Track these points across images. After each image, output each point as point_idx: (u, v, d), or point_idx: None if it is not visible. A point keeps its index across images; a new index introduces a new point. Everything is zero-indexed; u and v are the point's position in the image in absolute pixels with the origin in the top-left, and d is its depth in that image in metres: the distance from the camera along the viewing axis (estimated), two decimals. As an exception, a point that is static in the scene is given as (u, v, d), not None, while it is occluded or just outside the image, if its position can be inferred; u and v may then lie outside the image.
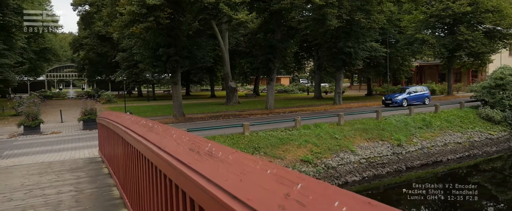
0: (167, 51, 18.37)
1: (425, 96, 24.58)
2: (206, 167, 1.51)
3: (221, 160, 1.49)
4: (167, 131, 2.63)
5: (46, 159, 9.97)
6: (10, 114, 25.14)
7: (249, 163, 1.35)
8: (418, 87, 25.80)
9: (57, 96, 50.00)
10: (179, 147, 2.07)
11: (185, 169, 1.68)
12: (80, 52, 53.76)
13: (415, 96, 24.20)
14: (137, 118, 4.13)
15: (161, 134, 2.67)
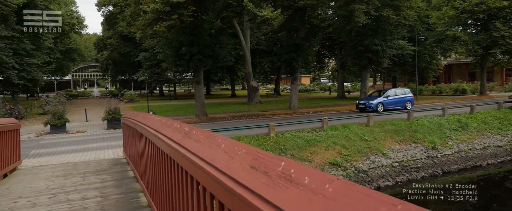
0: (190, 50, 18.15)
1: (406, 100, 21.76)
2: (290, 201, 1.04)
3: (313, 190, 1.01)
4: (212, 138, 2.18)
5: (72, 159, 9.84)
6: (37, 113, 25.70)
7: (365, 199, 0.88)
8: (398, 90, 23.01)
9: (82, 96, 51.14)
10: (234, 163, 1.62)
11: (253, 198, 1.22)
12: (104, 52, 54.77)
13: (394, 100, 21.41)
14: (168, 120, 3.74)
15: (204, 142, 2.23)
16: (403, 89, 23.45)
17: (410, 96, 22.33)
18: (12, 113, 20.33)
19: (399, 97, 21.92)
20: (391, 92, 22.32)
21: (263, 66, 49.32)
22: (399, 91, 22.75)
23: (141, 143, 5.13)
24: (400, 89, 23.57)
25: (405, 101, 21.76)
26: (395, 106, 21.20)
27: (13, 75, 22.19)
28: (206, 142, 2.23)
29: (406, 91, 22.77)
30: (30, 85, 25.75)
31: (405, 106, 21.45)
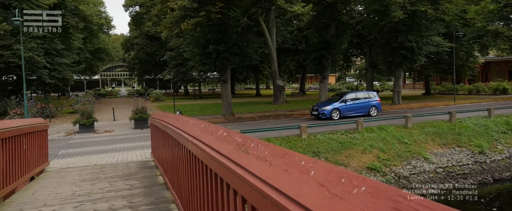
0: (217, 48, 17.72)
1: (370, 105, 18.78)
2: None
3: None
4: (287, 157, 1.56)
5: (99, 160, 9.56)
6: (68, 112, 26.18)
7: None
8: (360, 94, 19.84)
9: (110, 95, 52.25)
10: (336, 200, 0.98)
11: None
12: (131, 52, 55.71)
13: (355, 106, 18.59)
14: (208, 125, 3.18)
15: (272, 160, 1.61)
16: (367, 93, 20.12)
17: (376, 100, 19.16)
18: (43, 112, 20.67)
19: (361, 102, 18.85)
20: (351, 96, 19.25)
21: (287, 65, 48.57)
22: (361, 95, 19.52)
23: (173, 148, 4.62)
24: (363, 93, 20.13)
25: (369, 107, 18.70)
26: (356, 112, 18.37)
27: (45, 75, 22.61)
28: (277, 161, 1.59)
29: (371, 95, 19.54)
30: (61, 85, 26.24)
31: (368, 112, 18.53)
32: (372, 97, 19.35)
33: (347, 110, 18.40)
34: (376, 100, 19.21)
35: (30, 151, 6.54)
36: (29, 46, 20.73)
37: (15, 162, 5.68)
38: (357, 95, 19.41)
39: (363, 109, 18.69)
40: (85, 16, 28.26)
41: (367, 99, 19.09)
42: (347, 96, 19.10)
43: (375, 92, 20.51)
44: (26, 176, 6.26)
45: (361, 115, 18.18)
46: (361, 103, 18.80)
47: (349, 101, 18.62)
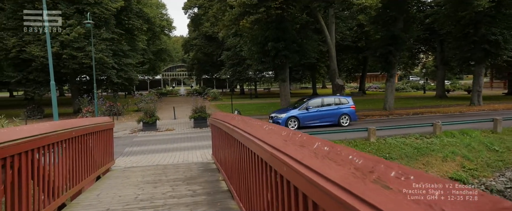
0: (276, 46, 17.17)
1: (340, 113, 16.07)
2: None
3: None
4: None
5: (161, 160, 9.50)
6: (133, 110, 27.56)
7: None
8: (328, 99, 16.78)
9: (171, 94, 54.58)
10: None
11: None
12: (190, 52, 57.67)
13: (319, 114, 15.96)
14: (291, 132, 2.56)
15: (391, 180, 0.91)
16: (338, 98, 17.01)
17: (348, 107, 16.28)
18: (111, 110, 21.87)
19: (329, 109, 16.14)
20: (315, 102, 16.45)
21: (346, 63, 46.56)
22: (330, 101, 16.56)
23: (240, 154, 4.09)
24: (333, 98, 17.05)
25: (338, 115, 16.02)
26: (321, 121, 15.86)
27: (113, 75, 23.97)
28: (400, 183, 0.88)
29: (343, 101, 16.58)
30: (127, 84, 27.68)
31: (338, 122, 15.95)
32: (344, 103, 16.41)
33: (309, 119, 15.79)
34: (348, 107, 16.23)
35: (97, 150, 6.52)
36: (99, 48, 22.06)
37: (82, 162, 5.62)
38: (324, 101, 16.52)
39: (331, 117, 16.00)
40: (149, 18, 29.59)
41: (336, 106, 16.24)
42: (311, 102, 16.43)
43: (349, 97, 17.38)
44: (93, 175, 6.22)
45: (328, 124, 15.76)
46: (328, 111, 16.05)
47: (312, 108, 16.02)
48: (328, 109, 16.20)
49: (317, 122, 15.94)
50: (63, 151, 4.90)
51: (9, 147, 3.26)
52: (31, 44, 20.69)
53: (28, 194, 3.69)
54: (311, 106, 16.20)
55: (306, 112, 15.97)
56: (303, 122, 15.80)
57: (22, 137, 3.54)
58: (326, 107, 16.26)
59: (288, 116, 15.94)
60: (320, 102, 16.43)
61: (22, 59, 21.46)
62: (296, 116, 15.82)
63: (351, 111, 16.28)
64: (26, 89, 24.31)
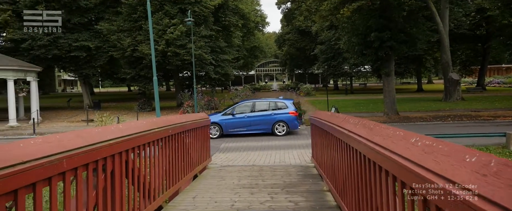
0: (380, 36, 15.33)
1: (275, 120, 13.45)
2: None
3: None
4: None
5: (257, 159, 9.02)
6: (229, 104, 28.41)
7: None
8: (262, 103, 14.29)
9: (264, 89, 55.42)
10: None
11: None
12: (283, 48, 57.80)
13: (248, 120, 13.50)
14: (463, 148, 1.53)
15: None
16: (276, 101, 14.37)
17: (286, 113, 13.62)
18: (209, 104, 22.77)
19: (261, 115, 13.62)
20: (244, 106, 14.25)
21: (459, 55, 40.55)
22: (264, 105, 14.10)
23: (359, 167, 3.13)
24: (269, 101, 14.50)
25: (272, 122, 13.45)
26: (249, 129, 13.50)
27: (211, 71, 24.96)
28: None
29: (280, 105, 13.97)
30: (223, 79, 28.63)
31: (272, 130, 13.44)
32: (281, 108, 13.82)
33: (234, 126, 13.59)
34: (286, 113, 13.61)
35: (194, 148, 6.26)
36: (199, 45, 23.09)
37: (179, 161, 5.35)
38: (256, 105, 14.13)
39: (263, 124, 13.57)
40: (244, 14, 30.08)
41: (271, 111, 13.76)
42: (238, 106, 14.44)
43: (289, 100, 14.80)
44: (190, 174, 5.96)
45: (258, 132, 13.57)
46: (259, 117, 13.63)
47: (239, 113, 13.83)
48: (259, 114, 13.81)
49: (243, 130, 13.69)
50: (160, 150, 4.62)
51: (101, 148, 2.91)
52: (142, 43, 22.73)
53: (122, 199, 3.38)
54: (238, 110, 14.11)
55: (231, 117, 13.91)
56: (226, 130, 13.71)
57: (115, 137, 3.21)
58: (258, 112, 13.90)
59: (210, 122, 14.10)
60: (251, 107, 14.17)
61: (135, 58, 23.80)
62: (217, 122, 13.70)
63: (289, 118, 13.62)
64: (138, 84, 27.06)
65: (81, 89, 31.36)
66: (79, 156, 2.60)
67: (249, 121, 13.75)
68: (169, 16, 23.39)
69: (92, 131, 3.08)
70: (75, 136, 2.75)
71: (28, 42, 23.45)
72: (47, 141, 2.44)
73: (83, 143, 2.70)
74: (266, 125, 13.73)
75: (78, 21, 25.24)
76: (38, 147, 2.29)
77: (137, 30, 23.90)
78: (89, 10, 25.89)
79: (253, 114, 13.91)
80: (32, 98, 21.22)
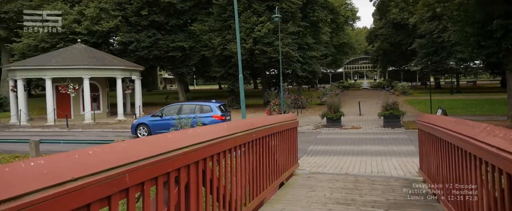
0: (504, 24, 12.61)
1: (197, 123, 11.80)
2: None
3: None
4: None
5: (350, 166, 8.01)
6: (316, 103, 27.39)
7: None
8: (188, 106, 14.77)
9: (353, 87, 52.49)
10: None
11: None
12: (375, 43, 54.22)
13: (173, 122, 12.28)
14: None
15: None
16: (201, 104, 14.90)
17: (209, 116, 13.78)
18: (296, 103, 22.13)
19: (185, 117, 12.92)
20: (172, 108, 15.11)
21: None
22: (189, 108, 14.72)
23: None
24: (194, 104, 15.18)
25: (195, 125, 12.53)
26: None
27: (298, 68, 24.29)
28: None
29: (206, 109, 14.31)
30: (310, 77, 27.71)
31: None
32: (206, 111, 14.32)
33: (160, 127, 13.76)
34: (209, 116, 13.93)
35: (280, 152, 5.64)
36: (286, 42, 22.60)
37: (263, 168, 4.78)
38: (183, 108, 14.84)
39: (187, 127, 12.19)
40: (333, 8, 28.62)
41: (197, 114, 14.02)
42: (167, 108, 15.34)
43: (214, 104, 14.90)
44: (275, 182, 5.36)
45: None
46: (183, 120, 13.34)
47: (166, 115, 14.47)
48: (185, 117, 13.28)
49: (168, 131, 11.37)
50: (242, 156, 4.10)
51: (173, 158, 2.45)
52: (231, 42, 23.22)
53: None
54: (166, 113, 14.75)
55: (159, 119, 14.45)
56: (154, 131, 14.13)
57: (191, 143, 2.74)
58: (183, 114, 13.68)
59: (138, 122, 15.12)
60: (178, 110, 14.73)
61: (224, 56, 24.49)
62: (146, 123, 14.65)
63: (212, 121, 13.44)
64: (227, 82, 27.89)
65: (177, 87, 33.81)
66: (146, 168, 2.15)
67: (175, 123, 13.50)
68: (257, 14, 23.41)
69: (164, 137, 2.64)
70: (144, 144, 2.34)
71: (133, 44, 26.02)
72: (108, 150, 2.04)
73: (151, 152, 2.25)
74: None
75: (175, 23, 27.08)
76: (96, 159, 1.89)
77: (226, 29, 24.54)
78: (184, 13, 27.57)
79: (178, 116, 13.90)
80: (136, 95, 23.44)
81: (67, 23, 24.33)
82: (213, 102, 15.37)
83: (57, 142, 11.87)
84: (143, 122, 14.92)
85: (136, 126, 15.01)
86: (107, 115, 23.52)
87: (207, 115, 14.09)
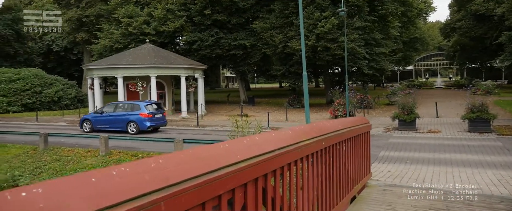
0: None
1: (128, 120, 15.28)
2: None
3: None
4: None
5: (433, 177, 6.85)
6: (383, 103, 25.45)
7: None
8: (123, 105, 16.61)
9: (424, 86, 48.20)
10: None
11: None
12: (451, 38, 49.19)
13: (110, 119, 15.73)
14: None
15: None
16: (132, 103, 16.36)
17: (136, 114, 15.34)
18: (361, 103, 20.65)
19: (119, 115, 15.73)
20: (111, 105, 16.65)
21: None
22: (123, 106, 16.35)
23: None
24: (126, 103, 16.85)
25: (126, 122, 15.39)
26: (111, 127, 15.60)
27: (364, 66, 22.68)
28: None
29: (135, 107, 15.70)
30: (378, 75, 25.84)
31: (126, 128, 15.31)
32: (135, 109, 15.61)
33: (101, 123, 15.95)
34: (136, 115, 15.33)
35: (351, 162, 4.84)
36: (351, 38, 21.20)
37: (334, 181, 4.05)
38: (118, 106, 16.46)
39: (120, 123, 15.59)
40: (405, 0, 26.21)
41: (125, 112, 15.78)
42: (106, 106, 17.00)
43: (143, 103, 16.30)
44: (347, 197, 4.58)
45: (118, 130, 15.30)
46: (117, 117, 15.76)
47: (105, 112, 16.23)
48: (118, 114, 15.95)
49: (107, 126, 15.86)
50: (309, 167, 3.43)
51: (225, 176, 1.89)
52: (293, 39, 22.48)
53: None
54: (105, 110, 16.49)
55: (99, 115, 16.30)
56: (95, 126, 16.04)
57: (248, 156, 2.16)
58: (117, 112, 16.05)
59: (84, 118, 16.62)
60: (114, 107, 16.46)
61: (285, 54, 23.84)
62: (89, 118, 16.39)
63: (139, 119, 15.36)
64: (288, 81, 27.22)
65: (238, 85, 34.02)
66: (190, 192, 1.61)
67: (110, 119, 15.89)
68: (320, 9, 22.34)
69: (215, 149, 2.08)
70: (187, 157, 1.80)
71: (197, 43, 26.64)
72: (141, 170, 1.52)
73: (197, 169, 1.70)
74: (122, 124, 15.60)
75: (237, 21, 27.14)
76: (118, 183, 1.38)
77: (288, 26, 23.86)
78: (246, 11, 27.50)
79: (114, 113, 16.07)
80: (199, 93, 23.94)
81: (138, 25, 25.73)
82: (146, 101, 17.21)
83: (124, 138, 12.32)
84: (87, 118, 16.69)
85: (83, 120, 16.69)
86: (172, 112, 24.39)
87: (136, 112, 15.57)
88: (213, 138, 12.21)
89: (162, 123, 16.40)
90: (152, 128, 15.65)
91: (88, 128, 16.16)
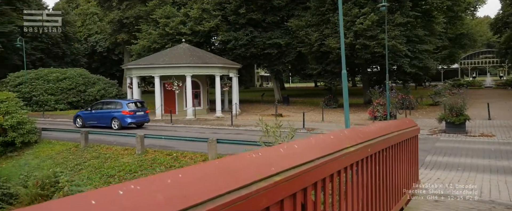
0: None
1: (112, 116, 16.76)
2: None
3: None
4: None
5: (493, 189, 6.11)
6: (427, 103, 24.03)
7: None
8: (109, 102, 18.51)
9: (471, 86, 45.09)
10: None
11: None
12: (502, 34, 45.49)
13: (97, 115, 17.23)
14: None
15: None
16: (116, 101, 18.24)
17: (119, 111, 16.77)
18: (403, 103, 19.55)
19: (104, 112, 17.31)
20: (98, 105, 18.39)
21: None
22: (109, 104, 18.09)
23: None
24: (113, 101, 18.80)
25: (110, 118, 16.81)
26: (99, 123, 16.97)
27: (406, 64, 21.46)
28: None
29: (118, 105, 17.25)
30: (421, 74, 24.41)
31: (111, 124, 16.68)
32: (118, 107, 17.08)
33: (90, 119, 17.45)
34: (119, 111, 16.75)
35: (399, 169, 4.35)
36: (392, 35, 20.11)
37: (380, 191, 3.60)
38: (104, 104, 18.18)
39: (105, 119, 16.97)
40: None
41: (110, 109, 17.31)
42: (95, 104, 18.61)
43: (125, 101, 17.97)
44: (394, 209, 4.12)
45: (103, 125, 16.71)
46: (103, 113, 17.26)
47: (94, 110, 17.70)
48: (104, 111, 17.28)
49: (95, 122, 17.01)
50: (354, 177, 3.03)
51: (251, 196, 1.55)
52: (329, 37, 21.75)
53: None
54: (95, 107, 17.88)
55: (89, 112, 17.66)
56: (86, 121, 17.33)
57: (284, 168, 1.82)
58: (104, 109, 17.42)
59: (77, 115, 18.01)
60: (101, 105, 18.03)
61: (321, 52, 23.14)
62: (80, 115, 17.83)
63: (121, 116, 16.55)
64: (324, 80, 26.46)
65: (273, 84, 33.67)
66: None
67: (98, 116, 17.22)
68: (359, 5, 21.42)
69: (242, 159, 1.76)
70: (212, 170, 1.50)
71: (231, 42, 26.62)
72: (155, 188, 1.24)
73: (218, 188, 1.39)
74: (107, 120, 16.87)
75: (271, 20, 26.79)
76: (130, 202, 1.10)
77: (324, 23, 23.13)
78: (281, 9, 27.07)
79: (101, 111, 17.44)
80: (233, 92, 23.89)
81: (174, 25, 26.17)
82: (128, 100, 19.02)
83: (159, 137, 12.43)
84: (79, 114, 18.09)
85: (75, 117, 18.16)
86: (207, 111, 24.55)
87: (118, 110, 16.92)
88: (246, 137, 11.96)
89: (144, 120, 17.72)
90: (134, 125, 16.91)
91: (80, 124, 17.77)
